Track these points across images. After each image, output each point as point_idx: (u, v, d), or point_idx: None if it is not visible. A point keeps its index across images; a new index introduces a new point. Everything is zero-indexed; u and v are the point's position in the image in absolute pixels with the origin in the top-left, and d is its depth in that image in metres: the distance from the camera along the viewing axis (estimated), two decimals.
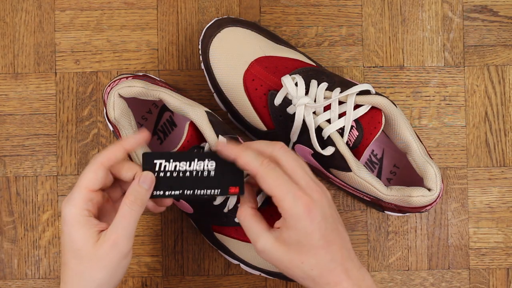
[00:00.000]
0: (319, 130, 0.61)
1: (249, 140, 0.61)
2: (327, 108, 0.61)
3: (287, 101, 0.62)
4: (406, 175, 0.66)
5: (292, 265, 0.51)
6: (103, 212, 0.55)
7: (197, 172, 0.55)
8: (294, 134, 0.62)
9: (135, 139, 0.55)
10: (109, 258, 0.51)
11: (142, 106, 0.67)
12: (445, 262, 0.70)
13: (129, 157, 0.62)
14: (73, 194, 0.52)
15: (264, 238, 0.51)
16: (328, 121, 0.61)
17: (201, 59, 0.66)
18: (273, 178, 0.50)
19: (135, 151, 0.58)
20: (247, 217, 0.53)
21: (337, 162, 0.60)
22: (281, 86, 0.63)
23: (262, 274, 0.65)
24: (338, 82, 0.62)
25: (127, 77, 0.63)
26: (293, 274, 0.52)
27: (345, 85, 0.62)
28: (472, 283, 0.69)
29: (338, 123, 0.60)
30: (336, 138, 0.60)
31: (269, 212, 0.63)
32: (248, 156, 0.51)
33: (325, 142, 0.61)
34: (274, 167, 0.51)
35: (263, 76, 0.63)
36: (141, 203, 0.52)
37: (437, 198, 0.61)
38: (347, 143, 0.60)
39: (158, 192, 0.54)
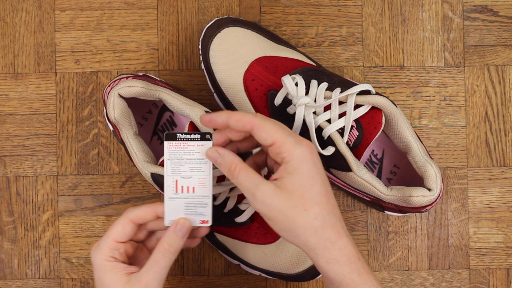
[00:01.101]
0: (319, 130, 0.61)
1: None
2: (327, 108, 0.61)
3: (287, 101, 0.62)
4: (406, 175, 0.66)
5: (295, 213, 0.49)
6: (138, 258, 0.57)
7: None
8: None
9: None
10: None
11: (142, 106, 0.67)
12: (445, 262, 0.70)
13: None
14: (100, 242, 0.54)
15: (264, 185, 0.49)
16: (328, 121, 0.61)
17: (201, 59, 0.66)
18: (271, 125, 0.50)
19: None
20: (242, 169, 0.50)
21: (337, 162, 0.60)
22: (281, 86, 0.63)
23: (262, 274, 0.65)
24: (338, 82, 0.62)
25: (127, 77, 0.63)
26: (295, 225, 0.50)
27: (345, 85, 0.62)
28: (472, 283, 0.69)
29: (338, 123, 0.60)
30: (336, 138, 0.60)
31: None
32: (238, 113, 0.51)
33: (325, 142, 0.61)
34: (267, 117, 0.51)
35: (263, 76, 0.63)
36: (174, 250, 0.54)
37: (437, 198, 0.61)
38: (347, 143, 0.60)
39: None
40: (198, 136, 0.53)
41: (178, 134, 0.53)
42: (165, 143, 0.53)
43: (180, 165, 0.54)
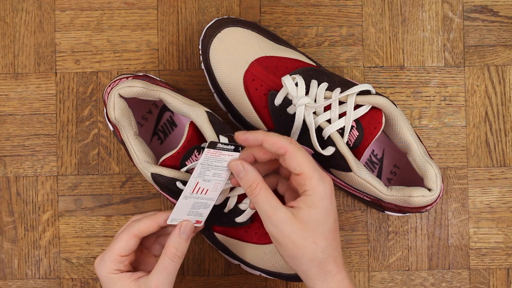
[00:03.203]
0: (319, 130, 0.61)
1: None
2: (327, 108, 0.61)
3: (287, 101, 0.62)
4: (406, 175, 0.66)
5: (304, 244, 0.51)
6: (139, 259, 0.58)
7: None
8: (295, 134, 0.62)
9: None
10: None
11: (143, 106, 0.67)
12: (445, 262, 0.70)
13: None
14: (104, 256, 0.55)
15: (282, 211, 0.51)
16: (328, 121, 0.61)
17: (201, 59, 0.66)
18: (303, 156, 0.52)
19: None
20: (263, 189, 0.52)
21: (337, 162, 0.60)
22: (281, 86, 0.63)
23: (262, 274, 0.65)
24: (338, 82, 0.62)
25: (127, 77, 0.63)
26: (301, 254, 0.52)
27: (345, 85, 0.62)
28: (472, 283, 0.69)
29: (338, 123, 0.60)
30: (337, 138, 0.60)
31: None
32: (274, 136, 0.52)
33: (325, 142, 0.61)
34: (301, 146, 0.53)
35: (263, 76, 0.63)
36: (181, 254, 0.55)
37: (437, 198, 0.61)
38: (347, 143, 0.60)
39: None
40: (232, 147, 0.55)
41: (218, 144, 0.55)
42: (206, 150, 0.54)
43: (207, 170, 0.55)
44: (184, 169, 0.59)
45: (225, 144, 0.55)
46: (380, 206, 0.65)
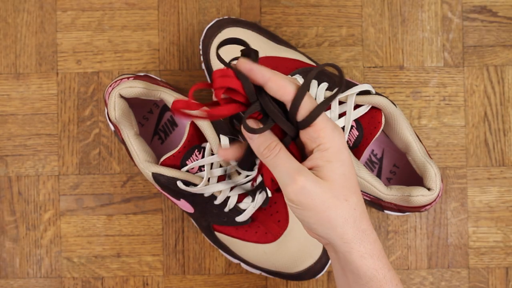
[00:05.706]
0: None
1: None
2: (327, 108, 0.61)
3: None
4: (406, 175, 0.67)
5: (337, 203, 0.45)
6: None
7: None
8: None
9: None
10: None
11: (144, 106, 0.67)
12: (444, 261, 0.70)
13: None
14: None
15: (306, 173, 0.45)
16: None
17: (202, 59, 0.66)
18: (314, 104, 0.45)
19: None
20: (282, 151, 0.45)
21: None
22: None
23: (263, 273, 0.66)
24: (338, 82, 0.63)
25: (128, 78, 0.63)
26: (335, 216, 0.45)
27: (345, 85, 0.62)
28: (471, 282, 0.70)
29: (338, 123, 0.60)
30: None
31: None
32: (283, 78, 0.45)
33: None
34: (310, 94, 0.46)
35: None
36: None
37: (436, 198, 0.61)
38: (347, 143, 0.60)
39: None
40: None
41: None
42: None
43: None
44: (185, 168, 0.59)
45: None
46: (380, 205, 0.65)
